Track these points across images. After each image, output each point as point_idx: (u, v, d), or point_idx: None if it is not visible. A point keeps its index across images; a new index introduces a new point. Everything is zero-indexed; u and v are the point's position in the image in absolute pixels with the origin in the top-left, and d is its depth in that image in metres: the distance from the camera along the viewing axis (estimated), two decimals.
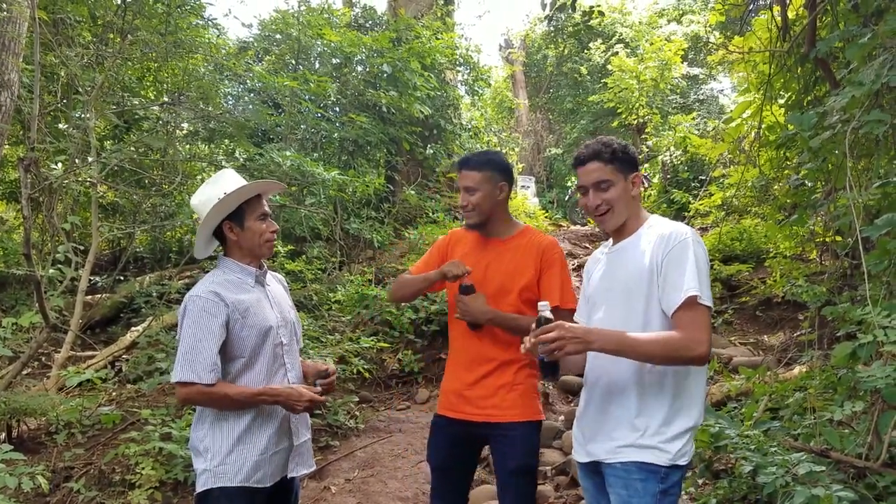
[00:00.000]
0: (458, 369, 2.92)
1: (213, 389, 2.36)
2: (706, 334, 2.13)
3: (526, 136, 20.92)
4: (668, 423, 2.20)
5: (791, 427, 3.73)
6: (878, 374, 2.79)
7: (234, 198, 2.51)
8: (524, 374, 2.81)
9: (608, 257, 2.46)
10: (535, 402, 2.85)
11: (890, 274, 3.23)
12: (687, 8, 18.93)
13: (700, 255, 2.20)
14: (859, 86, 3.12)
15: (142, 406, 5.21)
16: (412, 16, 11.07)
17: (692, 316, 2.13)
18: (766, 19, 5.60)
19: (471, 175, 2.82)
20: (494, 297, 2.76)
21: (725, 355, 6.36)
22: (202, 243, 2.65)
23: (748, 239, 8.64)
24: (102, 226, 7.37)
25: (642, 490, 2.18)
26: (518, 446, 2.76)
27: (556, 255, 2.83)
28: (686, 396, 2.23)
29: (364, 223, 9.03)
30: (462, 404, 2.85)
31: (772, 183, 7.42)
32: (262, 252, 2.59)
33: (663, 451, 2.18)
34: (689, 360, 2.13)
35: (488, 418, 2.78)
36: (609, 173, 2.34)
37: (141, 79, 9.37)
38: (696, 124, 13.01)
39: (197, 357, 2.35)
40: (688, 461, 2.23)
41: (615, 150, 2.35)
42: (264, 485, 2.48)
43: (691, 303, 2.13)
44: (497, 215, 2.88)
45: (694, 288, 2.13)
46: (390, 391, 6.54)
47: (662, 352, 2.13)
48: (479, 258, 2.88)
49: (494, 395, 2.78)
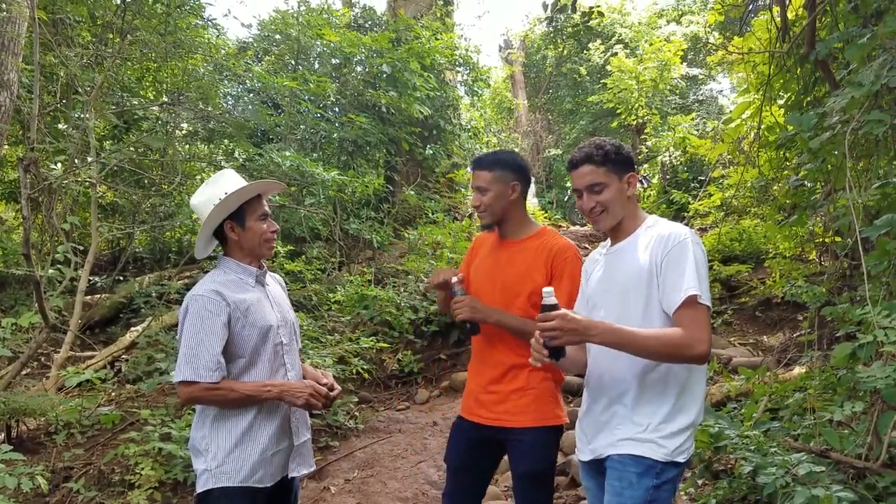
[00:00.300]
0: (473, 373, 2.93)
1: (218, 386, 2.37)
2: (706, 333, 2.14)
3: (525, 137, 20.93)
4: (668, 420, 2.22)
5: (791, 427, 3.73)
6: (877, 374, 2.79)
7: (236, 198, 2.51)
8: (538, 378, 2.75)
9: (606, 258, 2.46)
10: (551, 406, 2.78)
11: (889, 274, 3.23)
12: (686, 8, 18.95)
13: (699, 255, 2.22)
14: (859, 87, 3.13)
15: (141, 406, 5.21)
16: (411, 16, 11.08)
17: (692, 315, 2.14)
18: (765, 20, 5.61)
19: (482, 175, 2.80)
20: (503, 300, 2.74)
21: (725, 356, 6.36)
22: (202, 243, 2.65)
23: (748, 239, 8.66)
24: (102, 226, 7.36)
25: (637, 483, 2.19)
26: (528, 452, 2.73)
27: (567, 260, 2.75)
28: (687, 395, 2.25)
29: (363, 223, 9.04)
30: (478, 408, 2.84)
31: (771, 183, 7.43)
32: (263, 252, 2.60)
33: (661, 447, 2.20)
34: (690, 358, 2.15)
35: (501, 423, 2.76)
36: (602, 175, 2.34)
37: (140, 79, 9.36)
38: (695, 125, 13.02)
39: (199, 356, 2.36)
40: (685, 459, 2.24)
41: (607, 152, 2.35)
42: (265, 485, 2.48)
43: (691, 302, 2.14)
44: (511, 215, 2.85)
45: (694, 287, 2.14)
46: (390, 391, 6.55)
47: (663, 348, 2.14)
48: (495, 260, 2.88)
49: (506, 400, 2.76)
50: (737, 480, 3.53)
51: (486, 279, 2.81)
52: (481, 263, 2.93)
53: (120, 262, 7.81)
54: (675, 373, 2.22)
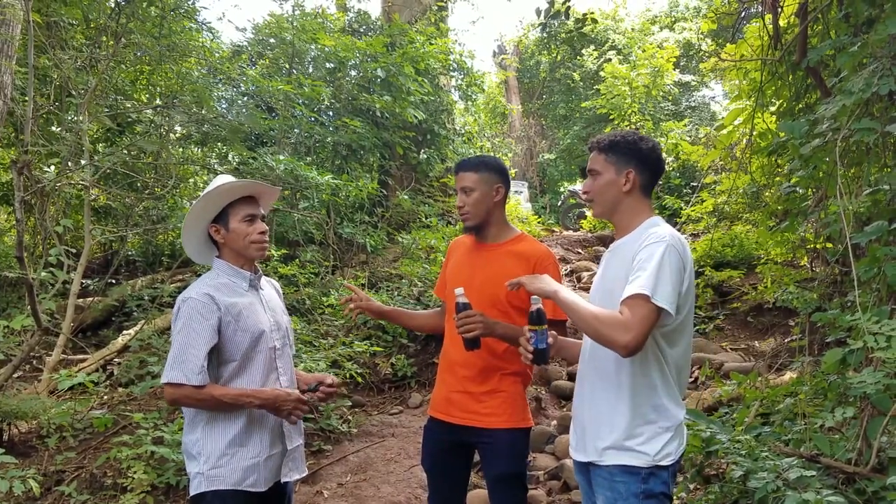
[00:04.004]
0: (444, 373, 2.96)
1: (201, 391, 2.36)
2: (641, 328, 2.06)
3: (519, 142, 20.97)
4: (647, 424, 2.22)
5: (782, 432, 3.75)
6: (867, 380, 2.82)
7: (213, 200, 2.50)
8: (508, 381, 2.82)
9: (606, 256, 2.49)
10: (520, 408, 2.83)
11: (879, 281, 3.26)
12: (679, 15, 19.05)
13: (670, 258, 2.14)
14: (850, 94, 3.15)
15: (134, 410, 5.19)
16: (406, 21, 11.09)
17: (634, 307, 2.08)
18: (757, 27, 5.65)
19: (468, 175, 2.84)
20: (483, 303, 2.75)
21: (717, 361, 6.39)
22: (193, 247, 2.64)
23: (739, 245, 8.69)
24: (95, 229, 7.34)
25: (624, 492, 2.20)
26: (502, 453, 2.78)
27: (548, 268, 2.77)
28: (664, 396, 2.24)
29: (357, 227, 9.03)
30: (449, 407, 2.88)
31: (763, 190, 7.47)
32: (251, 254, 2.57)
33: (641, 454, 2.20)
34: (613, 344, 2.08)
35: (473, 423, 2.80)
36: (598, 163, 2.37)
37: (134, 82, 9.34)
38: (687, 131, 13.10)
39: (187, 359, 2.35)
40: (672, 461, 2.22)
41: (614, 143, 2.35)
42: (258, 489, 2.48)
43: (639, 298, 2.09)
44: (493, 218, 2.89)
45: (647, 288, 2.08)
46: (383, 395, 6.54)
47: (593, 322, 2.12)
48: (472, 262, 2.90)
49: (478, 401, 2.80)
50: (728, 485, 3.55)
51: (464, 282, 2.81)
52: (458, 267, 2.96)
53: (112, 266, 7.78)
54: (651, 374, 2.22)
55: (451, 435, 2.87)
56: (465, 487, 3.04)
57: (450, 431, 2.87)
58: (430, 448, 2.98)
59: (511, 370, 2.82)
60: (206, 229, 2.58)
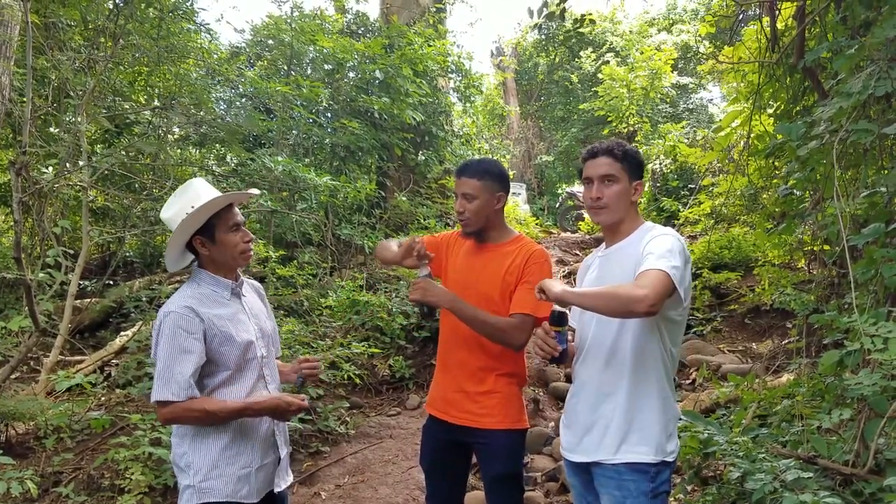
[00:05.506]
0: (440, 373, 2.98)
1: (191, 406, 2.29)
2: (655, 286, 2.09)
3: (517, 144, 20.98)
4: (658, 420, 2.27)
5: (779, 434, 3.76)
6: (864, 381, 2.82)
7: (202, 213, 2.41)
8: (503, 382, 2.83)
9: (601, 260, 2.51)
10: (516, 410, 2.84)
11: (876, 282, 3.27)
12: (677, 18, 19.08)
13: (680, 248, 2.23)
14: (847, 96, 3.16)
15: (131, 411, 5.18)
16: (404, 23, 11.10)
17: (647, 276, 2.13)
18: (755, 30, 5.66)
19: (470, 182, 2.83)
20: (481, 300, 2.77)
21: (714, 362, 6.40)
22: (173, 258, 2.56)
23: (737, 247, 8.71)
24: (93, 230, 7.34)
25: (634, 490, 2.23)
26: (497, 454, 2.80)
27: (539, 262, 2.80)
28: (669, 392, 2.30)
29: (355, 229, 9.03)
30: (446, 406, 2.89)
31: (760, 192, 7.48)
32: (238, 263, 2.53)
33: (653, 449, 2.24)
34: (631, 302, 2.08)
35: (469, 423, 2.81)
36: (617, 170, 2.41)
37: (132, 83, 9.33)
38: (685, 133, 13.11)
39: (173, 375, 2.28)
40: (675, 458, 2.30)
41: (627, 152, 2.43)
42: (251, 500, 2.44)
43: (651, 270, 2.14)
44: (492, 224, 2.91)
45: (659, 265, 2.14)
46: (381, 397, 6.54)
47: (609, 293, 2.15)
48: (472, 264, 2.91)
49: (474, 402, 2.81)
50: (725, 486, 3.55)
51: (463, 281, 2.85)
52: (458, 266, 2.97)
53: (110, 267, 7.77)
54: (657, 370, 2.27)
55: (449, 434, 2.88)
56: (464, 488, 3.05)
57: (448, 430, 2.88)
58: (429, 447, 2.99)
59: (506, 371, 2.83)
60: (186, 240, 2.50)
